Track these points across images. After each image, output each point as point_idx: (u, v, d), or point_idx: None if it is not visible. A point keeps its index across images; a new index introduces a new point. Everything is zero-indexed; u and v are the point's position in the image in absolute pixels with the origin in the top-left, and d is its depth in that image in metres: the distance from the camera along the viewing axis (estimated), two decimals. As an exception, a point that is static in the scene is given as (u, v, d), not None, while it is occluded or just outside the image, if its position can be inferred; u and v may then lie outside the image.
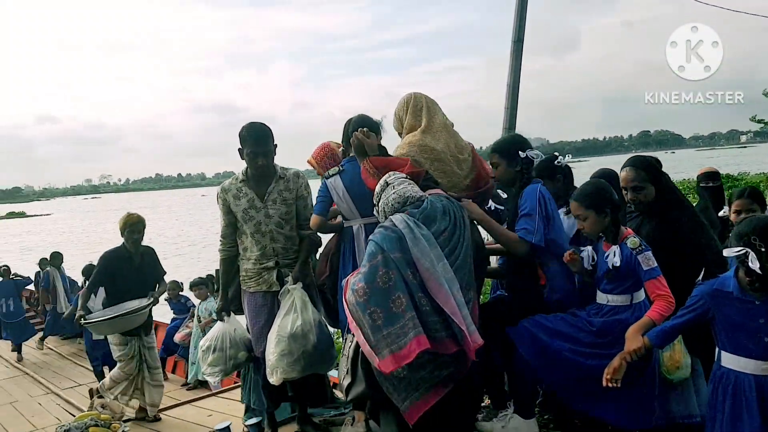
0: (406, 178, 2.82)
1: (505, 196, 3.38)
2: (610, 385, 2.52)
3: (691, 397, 2.85)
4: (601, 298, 2.80)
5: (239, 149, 3.32)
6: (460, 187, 3.22)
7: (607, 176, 3.21)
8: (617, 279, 2.72)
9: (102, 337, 6.63)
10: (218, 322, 3.60)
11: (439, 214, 2.64)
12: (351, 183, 3.09)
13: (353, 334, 2.74)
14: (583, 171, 4.22)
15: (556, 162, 3.29)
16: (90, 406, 5.44)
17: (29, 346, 9.65)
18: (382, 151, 3.07)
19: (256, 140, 3.27)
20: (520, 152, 3.00)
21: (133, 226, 4.77)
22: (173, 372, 8.02)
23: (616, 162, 3.63)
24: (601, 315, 2.77)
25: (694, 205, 3.71)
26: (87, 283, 5.29)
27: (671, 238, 2.80)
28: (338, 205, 3.18)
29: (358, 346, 2.77)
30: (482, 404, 3.33)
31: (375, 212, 2.87)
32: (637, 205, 2.96)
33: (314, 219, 3.13)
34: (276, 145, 3.37)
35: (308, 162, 3.71)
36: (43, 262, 10.08)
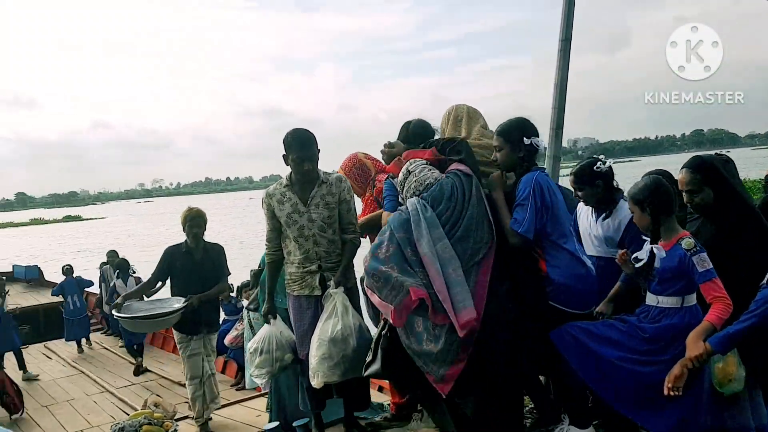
0: (427, 164, 3.03)
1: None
2: (672, 393, 2.43)
3: (745, 409, 2.71)
4: (651, 299, 2.72)
5: (284, 155, 3.38)
6: None
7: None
8: (667, 280, 2.63)
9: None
10: (265, 324, 3.64)
11: (446, 194, 2.87)
12: None
13: (382, 320, 3.01)
14: (635, 171, 4.11)
15: (595, 167, 3.14)
16: (143, 405, 5.59)
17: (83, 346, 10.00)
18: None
19: (301, 146, 3.33)
20: (524, 138, 2.92)
21: (193, 220, 4.69)
22: (223, 372, 8.18)
23: (668, 162, 3.51)
24: (649, 318, 2.69)
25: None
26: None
27: (730, 243, 2.69)
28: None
29: (382, 328, 3.01)
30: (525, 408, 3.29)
31: (400, 199, 3.07)
32: (694, 208, 2.86)
33: (386, 215, 3.18)
34: (319, 150, 3.41)
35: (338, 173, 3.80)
36: (106, 262, 10.43)
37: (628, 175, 3.43)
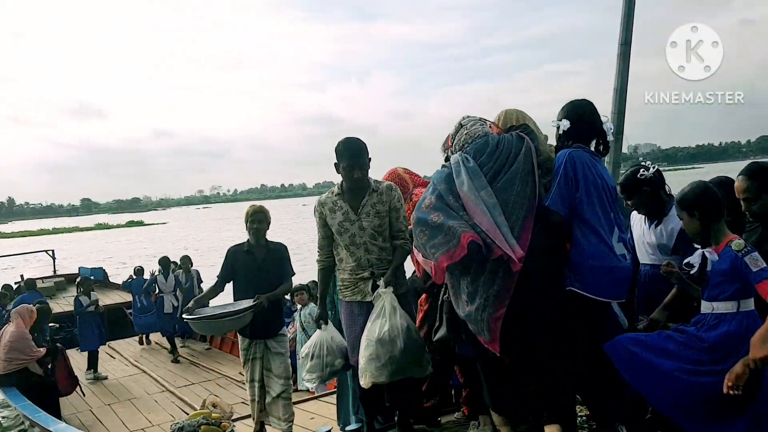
0: (480, 119, 3.02)
1: None
2: (731, 393, 2.33)
3: None
4: (706, 306, 2.61)
5: (335, 163, 3.42)
6: None
7: (722, 184, 2.95)
8: (720, 284, 2.53)
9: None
10: (317, 329, 3.69)
11: (491, 147, 2.82)
12: None
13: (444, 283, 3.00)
14: (697, 177, 3.96)
15: (639, 175, 3.04)
16: (202, 405, 5.71)
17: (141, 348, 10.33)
18: None
19: (352, 154, 3.37)
20: (563, 121, 2.90)
21: (255, 215, 4.45)
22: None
23: (732, 169, 3.36)
24: (706, 326, 2.58)
25: None
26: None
27: None
28: None
29: (443, 291, 3.07)
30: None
31: (450, 152, 3.03)
32: (753, 216, 2.74)
33: None
34: (370, 158, 3.44)
35: None
36: (178, 265, 10.71)
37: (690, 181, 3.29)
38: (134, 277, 10.69)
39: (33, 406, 6.18)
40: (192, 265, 10.25)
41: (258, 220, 4.42)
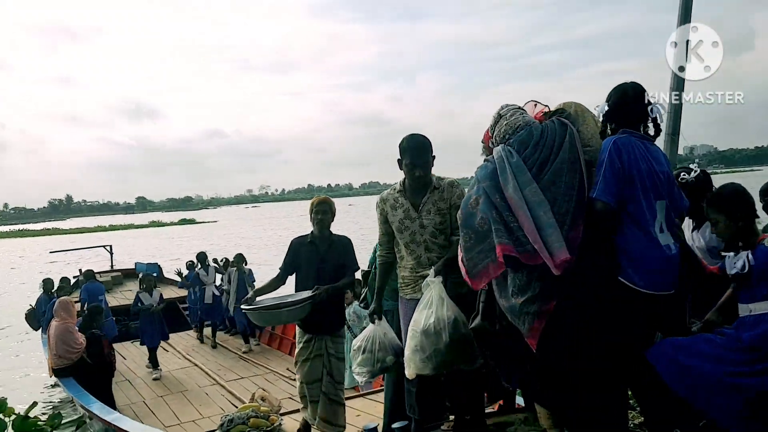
0: (519, 108, 2.89)
1: None
2: None
3: None
4: (743, 309, 2.58)
5: (398, 160, 3.39)
6: None
7: None
8: (755, 285, 2.52)
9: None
10: (370, 323, 3.68)
11: (535, 138, 2.70)
12: None
13: None
14: (758, 180, 3.86)
15: (680, 179, 2.94)
16: (251, 398, 5.85)
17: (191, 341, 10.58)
18: None
19: (415, 152, 3.33)
20: (602, 104, 2.82)
21: (319, 206, 4.37)
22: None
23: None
24: (746, 329, 2.53)
25: None
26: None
27: None
28: None
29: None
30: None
31: (490, 144, 2.94)
32: None
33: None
34: (434, 156, 3.41)
35: None
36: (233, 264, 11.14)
37: (752, 185, 3.21)
38: (186, 271, 11.24)
39: (89, 395, 6.43)
40: (246, 264, 10.50)
41: (322, 211, 4.35)
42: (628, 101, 2.79)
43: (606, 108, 2.79)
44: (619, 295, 2.64)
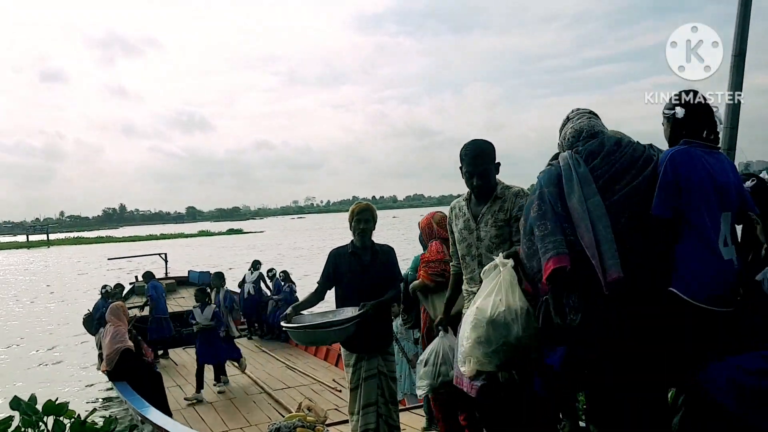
0: (589, 112, 2.81)
1: None
2: None
3: None
4: None
5: (459, 167, 3.20)
6: None
7: None
8: None
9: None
10: (438, 336, 3.50)
11: (606, 149, 2.59)
12: None
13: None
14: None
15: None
16: (298, 408, 5.90)
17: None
18: None
19: (472, 159, 3.12)
20: (665, 110, 2.79)
21: (360, 214, 4.01)
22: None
23: None
24: None
25: None
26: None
27: None
28: None
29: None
30: None
31: (558, 147, 2.85)
32: None
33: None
34: (498, 163, 3.20)
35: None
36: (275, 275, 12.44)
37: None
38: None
39: (142, 400, 6.58)
40: (291, 282, 11.46)
41: (365, 220, 4.00)
42: (698, 108, 2.74)
43: (683, 113, 2.72)
44: (670, 307, 2.55)
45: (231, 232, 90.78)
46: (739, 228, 2.81)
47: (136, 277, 15.64)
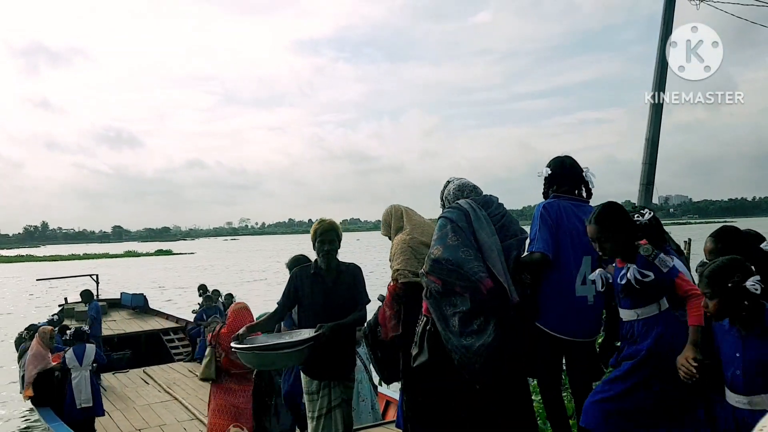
0: (462, 178, 3.53)
1: None
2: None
3: None
4: (630, 315, 2.86)
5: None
6: None
7: (747, 235, 3.02)
8: (640, 291, 2.77)
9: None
10: None
11: (494, 203, 3.34)
12: None
13: (424, 316, 3.30)
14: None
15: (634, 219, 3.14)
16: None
17: (179, 373, 10.51)
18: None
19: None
20: (544, 169, 3.36)
21: (324, 235, 3.78)
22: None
23: (766, 225, 3.47)
24: (635, 333, 2.81)
25: None
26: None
27: None
28: None
29: (426, 323, 3.28)
30: None
31: (441, 206, 3.54)
32: None
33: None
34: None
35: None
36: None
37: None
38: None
39: (66, 427, 6.40)
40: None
41: (329, 240, 3.79)
42: (564, 168, 3.32)
43: (549, 172, 3.32)
44: (540, 337, 3.18)
45: (160, 252, 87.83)
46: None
47: (66, 299, 14.96)
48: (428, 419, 3.36)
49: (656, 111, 8.98)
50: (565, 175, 3.30)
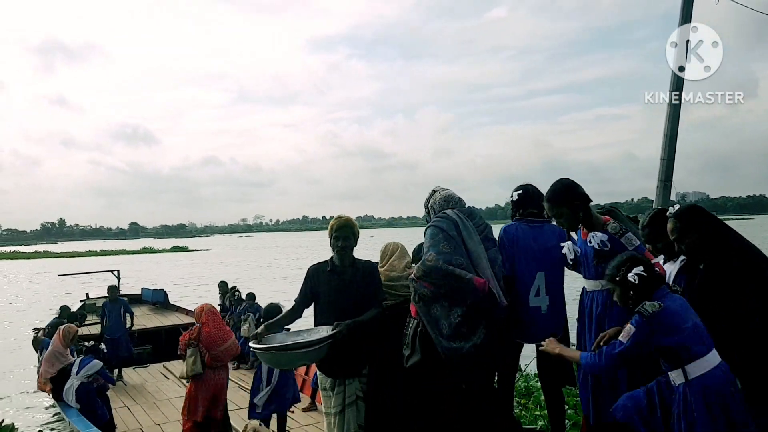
0: (447, 189, 3.73)
1: None
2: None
3: None
4: (595, 285, 3.23)
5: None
6: None
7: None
8: (606, 258, 2.96)
9: None
10: None
11: (477, 214, 3.58)
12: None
13: (414, 318, 3.50)
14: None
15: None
16: (244, 429, 5.87)
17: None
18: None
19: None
20: (513, 193, 3.76)
21: (340, 230, 3.77)
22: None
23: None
24: (600, 303, 3.17)
25: None
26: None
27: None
28: None
29: (417, 325, 3.44)
30: None
31: (424, 215, 3.75)
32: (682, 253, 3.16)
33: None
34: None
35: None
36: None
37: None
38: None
39: (86, 421, 6.49)
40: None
41: (344, 237, 3.77)
42: (528, 195, 3.71)
43: (517, 197, 3.71)
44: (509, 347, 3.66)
45: (176, 249, 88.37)
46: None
47: (87, 295, 15.12)
48: (423, 420, 3.52)
49: (674, 107, 8.88)
50: (529, 200, 3.72)
